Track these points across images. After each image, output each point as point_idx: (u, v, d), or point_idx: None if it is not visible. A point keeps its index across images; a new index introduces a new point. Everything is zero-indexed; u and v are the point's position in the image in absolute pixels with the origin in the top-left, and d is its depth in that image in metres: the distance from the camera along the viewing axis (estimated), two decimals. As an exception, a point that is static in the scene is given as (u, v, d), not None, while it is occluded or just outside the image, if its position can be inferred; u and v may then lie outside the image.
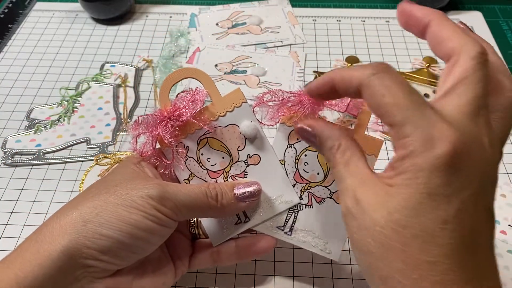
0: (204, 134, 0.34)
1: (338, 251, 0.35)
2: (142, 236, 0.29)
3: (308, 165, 0.34)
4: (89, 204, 0.29)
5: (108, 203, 0.28)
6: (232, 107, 0.34)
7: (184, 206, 0.30)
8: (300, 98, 0.32)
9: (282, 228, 0.35)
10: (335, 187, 0.34)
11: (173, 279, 0.34)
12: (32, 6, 0.71)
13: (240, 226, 0.35)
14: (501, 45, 0.63)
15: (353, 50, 0.63)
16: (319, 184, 0.34)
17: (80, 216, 0.28)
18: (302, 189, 0.35)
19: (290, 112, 0.33)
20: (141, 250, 0.30)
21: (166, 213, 0.29)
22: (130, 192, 0.29)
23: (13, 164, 0.49)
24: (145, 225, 0.29)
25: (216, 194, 0.32)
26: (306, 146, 0.34)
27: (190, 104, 0.32)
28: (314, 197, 0.35)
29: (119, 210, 0.28)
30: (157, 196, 0.29)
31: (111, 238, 0.28)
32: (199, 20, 0.68)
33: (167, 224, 0.30)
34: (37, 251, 0.27)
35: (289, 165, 0.34)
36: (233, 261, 0.36)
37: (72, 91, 0.57)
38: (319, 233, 0.35)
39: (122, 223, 0.28)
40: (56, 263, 0.26)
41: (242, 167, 0.35)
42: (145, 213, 0.29)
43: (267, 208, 0.35)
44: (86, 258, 0.27)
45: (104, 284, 0.29)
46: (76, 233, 0.27)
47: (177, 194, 0.30)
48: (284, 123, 0.34)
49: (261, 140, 0.34)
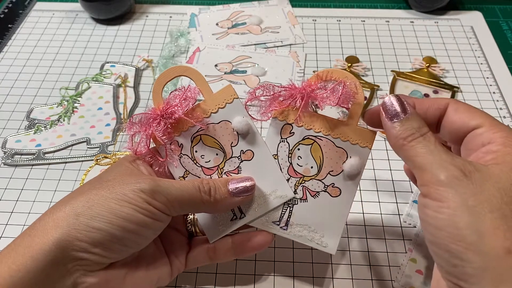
0: (197, 131, 0.34)
1: (335, 244, 0.35)
2: (133, 229, 0.29)
3: (302, 159, 0.34)
4: (82, 198, 0.29)
5: (100, 197, 0.29)
6: (224, 103, 0.34)
7: (176, 200, 0.30)
8: (291, 92, 0.32)
9: (277, 223, 0.35)
10: (329, 180, 0.34)
11: (168, 276, 0.35)
12: (32, 6, 0.71)
13: (235, 222, 0.35)
14: (501, 45, 0.63)
15: (353, 50, 0.63)
16: (313, 178, 0.34)
17: (72, 210, 0.28)
18: (297, 183, 0.35)
19: (282, 106, 0.33)
20: (133, 243, 0.30)
21: (158, 206, 0.30)
22: (123, 187, 0.29)
23: (13, 164, 0.49)
24: (136, 218, 0.29)
25: (210, 188, 0.32)
26: (298, 140, 0.34)
27: (182, 101, 0.33)
28: (309, 191, 0.35)
29: (111, 204, 0.28)
30: (149, 190, 0.29)
31: (102, 230, 0.28)
32: (199, 20, 0.68)
33: (159, 218, 0.30)
34: (30, 244, 0.27)
35: (283, 160, 0.35)
36: (230, 258, 0.36)
37: (72, 91, 0.57)
38: (315, 226, 0.35)
39: (113, 216, 0.28)
40: (48, 255, 0.27)
41: (236, 163, 0.35)
42: (137, 206, 0.29)
43: (262, 203, 0.35)
44: (78, 251, 0.28)
45: (96, 277, 0.29)
46: (67, 226, 0.27)
47: (169, 188, 0.30)
48: (276, 117, 0.34)
49: (253, 135, 0.34)
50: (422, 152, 0.26)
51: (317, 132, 0.33)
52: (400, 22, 0.67)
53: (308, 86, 0.32)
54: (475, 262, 0.23)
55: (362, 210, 0.45)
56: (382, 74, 0.59)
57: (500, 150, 0.25)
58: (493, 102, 0.55)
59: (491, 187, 0.24)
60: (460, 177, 0.24)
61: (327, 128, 0.33)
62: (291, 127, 0.34)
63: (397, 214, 0.44)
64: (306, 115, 0.33)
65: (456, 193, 0.24)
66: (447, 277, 0.24)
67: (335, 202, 0.34)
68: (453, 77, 0.59)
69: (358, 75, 0.58)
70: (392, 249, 0.41)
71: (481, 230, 0.23)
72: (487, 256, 0.22)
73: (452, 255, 0.24)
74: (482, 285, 0.23)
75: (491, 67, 0.60)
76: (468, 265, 0.23)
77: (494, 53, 0.62)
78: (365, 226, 0.43)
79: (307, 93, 0.32)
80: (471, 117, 0.27)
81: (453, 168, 0.24)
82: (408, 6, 0.70)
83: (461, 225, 0.23)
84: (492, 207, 0.23)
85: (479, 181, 0.24)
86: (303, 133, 0.34)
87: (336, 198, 0.34)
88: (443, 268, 0.25)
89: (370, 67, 0.60)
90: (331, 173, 0.34)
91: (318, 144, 0.34)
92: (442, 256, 0.24)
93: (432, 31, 0.66)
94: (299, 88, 0.32)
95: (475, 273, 0.23)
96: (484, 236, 0.23)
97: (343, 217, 0.35)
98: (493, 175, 0.24)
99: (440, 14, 0.69)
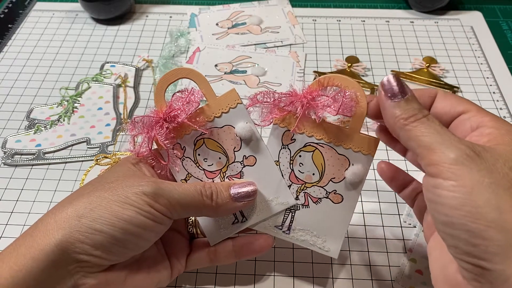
0: (200, 135, 0.34)
1: (337, 249, 0.35)
2: (135, 232, 0.29)
3: (303, 166, 0.34)
4: (84, 200, 0.29)
5: (102, 199, 0.29)
6: (227, 108, 0.34)
7: (178, 204, 0.30)
8: (292, 99, 0.32)
9: (280, 227, 0.35)
10: (331, 187, 0.34)
11: (168, 278, 0.35)
12: (32, 6, 0.71)
13: (237, 225, 0.35)
14: (501, 45, 0.63)
15: (353, 50, 0.63)
16: (315, 185, 0.34)
17: (74, 211, 0.28)
18: (298, 190, 0.35)
19: (282, 113, 0.33)
20: (135, 246, 0.30)
21: (160, 209, 0.30)
22: (125, 189, 0.29)
23: (13, 164, 0.49)
24: (138, 221, 0.29)
25: (211, 193, 0.32)
26: (300, 147, 0.34)
27: (185, 105, 0.32)
28: (311, 197, 0.35)
29: (113, 206, 0.28)
30: (151, 192, 0.29)
31: (104, 233, 0.28)
32: (199, 20, 0.68)
33: (161, 221, 0.30)
34: (31, 245, 0.27)
35: (284, 166, 0.34)
36: (231, 260, 0.36)
37: (72, 91, 0.57)
38: (317, 232, 0.35)
39: (115, 218, 0.28)
40: (50, 257, 0.27)
41: (238, 168, 0.34)
42: (139, 209, 0.29)
43: (264, 208, 0.35)
44: (79, 253, 0.28)
45: (97, 279, 0.29)
46: (70, 227, 0.27)
47: (171, 192, 0.30)
48: (277, 124, 0.34)
49: (256, 141, 0.34)
50: (428, 132, 0.26)
51: (319, 139, 0.33)
52: (400, 22, 0.67)
53: (309, 93, 0.31)
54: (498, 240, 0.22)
55: (362, 210, 0.44)
56: (382, 74, 0.59)
57: (494, 132, 0.25)
58: (493, 102, 0.55)
59: (503, 166, 0.24)
60: (472, 155, 0.24)
61: (329, 136, 0.33)
62: (292, 134, 0.33)
63: (397, 214, 0.44)
64: (307, 122, 0.33)
65: (472, 171, 0.23)
66: (465, 259, 0.24)
67: (337, 208, 0.34)
68: (453, 77, 0.59)
69: (358, 75, 0.58)
70: (392, 249, 0.41)
71: (502, 207, 0.22)
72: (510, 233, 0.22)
73: (472, 234, 0.23)
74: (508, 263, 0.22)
75: (491, 67, 0.60)
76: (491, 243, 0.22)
77: (494, 53, 0.62)
78: (365, 226, 0.43)
79: (307, 101, 0.31)
80: (458, 102, 0.28)
81: (464, 147, 0.24)
82: (408, 6, 0.70)
83: (480, 203, 0.23)
84: (507, 184, 0.23)
85: (491, 159, 0.24)
86: (305, 140, 0.33)
87: (338, 205, 0.34)
88: (460, 250, 0.24)
89: (370, 67, 0.60)
90: (333, 180, 0.34)
91: (320, 151, 0.33)
92: (460, 236, 0.24)
93: (432, 31, 0.66)
94: (300, 96, 0.32)
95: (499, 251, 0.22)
96: (505, 213, 0.22)
97: (345, 222, 0.35)
98: (501, 154, 0.24)
99: (440, 14, 0.69)
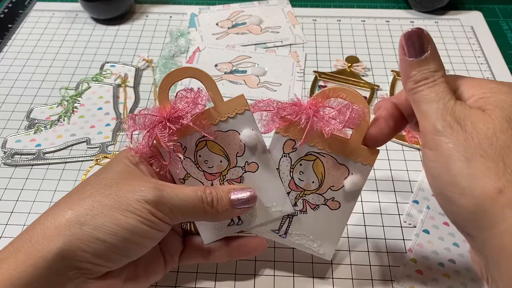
0: (203, 137, 0.33)
1: (331, 252, 0.36)
2: (136, 241, 0.29)
3: (303, 174, 0.34)
4: (85, 205, 0.28)
5: (104, 206, 0.28)
6: (234, 113, 0.33)
7: (179, 211, 0.30)
8: (296, 110, 0.31)
9: (277, 231, 0.36)
10: (329, 195, 0.34)
11: (162, 273, 0.35)
12: (32, 6, 0.71)
13: (233, 228, 0.35)
14: (501, 45, 0.63)
15: (353, 50, 0.63)
16: (314, 192, 0.34)
17: (75, 217, 0.28)
18: (297, 197, 0.35)
19: (285, 122, 0.32)
20: (134, 254, 0.30)
21: (162, 218, 0.29)
22: (127, 195, 0.29)
23: (13, 164, 0.49)
24: (140, 230, 0.29)
25: (212, 199, 0.31)
26: (301, 156, 0.33)
27: (191, 107, 0.31)
28: (309, 204, 0.35)
29: (115, 214, 0.28)
30: (153, 200, 0.29)
31: (106, 242, 0.28)
32: (199, 20, 0.68)
33: (162, 228, 0.30)
34: (31, 251, 0.27)
35: (284, 174, 0.34)
36: (224, 260, 0.37)
37: (72, 91, 0.57)
38: (313, 236, 0.36)
39: (118, 227, 0.28)
40: (50, 264, 0.26)
41: (239, 173, 0.34)
42: (141, 217, 0.28)
43: (262, 214, 0.35)
44: (80, 261, 0.27)
45: (96, 284, 0.29)
46: (71, 235, 0.27)
47: (172, 199, 0.30)
48: (279, 132, 0.33)
49: (261, 149, 0.34)
50: (428, 98, 0.26)
51: (320, 149, 0.33)
52: (400, 22, 0.67)
53: (314, 105, 0.31)
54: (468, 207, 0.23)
55: (362, 210, 0.44)
56: (382, 74, 0.59)
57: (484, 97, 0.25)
58: (493, 102, 0.55)
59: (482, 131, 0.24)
60: (453, 125, 0.24)
61: (331, 146, 0.33)
62: (294, 142, 0.33)
63: (397, 214, 0.44)
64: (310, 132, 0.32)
65: (449, 140, 0.24)
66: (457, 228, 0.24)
67: (334, 214, 0.35)
68: (453, 77, 0.59)
69: (358, 75, 0.58)
70: (392, 249, 0.41)
71: (473, 174, 0.23)
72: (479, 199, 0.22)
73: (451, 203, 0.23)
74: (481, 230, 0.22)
75: (491, 67, 0.60)
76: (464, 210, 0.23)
77: (494, 53, 0.62)
78: (365, 226, 0.43)
79: (313, 114, 0.31)
80: (453, 78, 0.28)
81: (450, 117, 0.24)
82: (408, 6, 0.70)
83: (454, 172, 0.23)
84: (483, 151, 0.23)
85: (470, 126, 0.24)
86: (306, 149, 0.33)
87: (335, 211, 0.35)
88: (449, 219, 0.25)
89: (370, 67, 0.60)
90: (332, 188, 0.34)
91: (321, 160, 0.33)
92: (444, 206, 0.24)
93: (432, 31, 0.66)
94: (304, 106, 0.31)
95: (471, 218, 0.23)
96: (475, 179, 0.23)
97: (341, 227, 0.35)
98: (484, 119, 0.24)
99: (440, 14, 0.69)
